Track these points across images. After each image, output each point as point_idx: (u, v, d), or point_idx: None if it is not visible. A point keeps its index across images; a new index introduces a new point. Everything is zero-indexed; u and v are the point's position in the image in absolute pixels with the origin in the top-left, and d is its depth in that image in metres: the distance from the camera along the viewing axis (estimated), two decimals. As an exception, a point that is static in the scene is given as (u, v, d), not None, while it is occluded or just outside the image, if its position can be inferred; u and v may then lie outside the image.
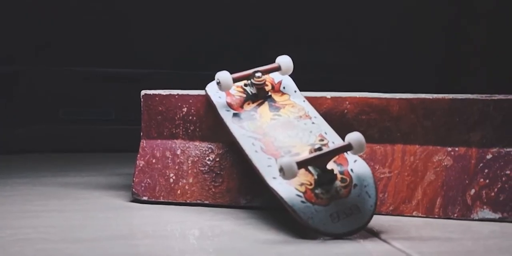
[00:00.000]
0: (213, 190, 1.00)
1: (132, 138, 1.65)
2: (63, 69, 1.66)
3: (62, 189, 1.12)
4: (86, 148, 1.59)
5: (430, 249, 0.75)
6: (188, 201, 1.00)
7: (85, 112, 1.67)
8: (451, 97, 0.97)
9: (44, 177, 1.24)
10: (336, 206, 0.81)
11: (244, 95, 0.98)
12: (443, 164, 0.96)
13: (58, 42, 1.68)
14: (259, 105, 0.97)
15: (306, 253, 0.74)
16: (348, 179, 0.84)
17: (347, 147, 0.83)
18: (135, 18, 1.76)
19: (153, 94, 1.05)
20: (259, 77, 0.96)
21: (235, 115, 0.96)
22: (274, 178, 0.84)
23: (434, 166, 0.96)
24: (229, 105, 0.97)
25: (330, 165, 0.84)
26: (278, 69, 0.98)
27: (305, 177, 0.83)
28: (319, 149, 0.84)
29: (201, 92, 1.03)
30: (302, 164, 0.81)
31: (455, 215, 0.93)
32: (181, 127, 1.04)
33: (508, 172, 0.94)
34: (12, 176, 1.25)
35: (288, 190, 0.82)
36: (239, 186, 0.99)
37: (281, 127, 0.93)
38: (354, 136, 0.84)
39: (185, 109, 1.03)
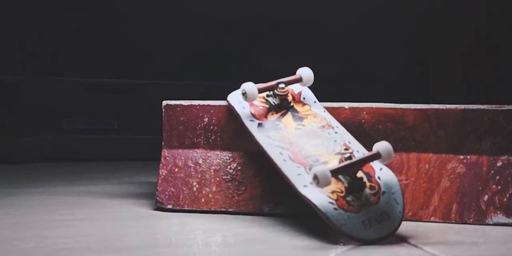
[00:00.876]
0: (237, 198, 1.00)
1: (136, 147, 1.66)
2: (63, 80, 1.64)
3: (82, 198, 1.11)
4: (90, 158, 1.57)
5: (462, 253, 0.77)
6: (212, 209, 1.00)
7: (88, 121, 1.65)
8: (463, 107, 1.00)
9: (58, 186, 1.22)
10: (367, 213, 0.83)
11: (267, 106, 0.99)
12: (456, 171, 0.99)
13: (60, 52, 1.66)
14: (283, 115, 0.98)
15: (346, 259, 0.74)
16: (376, 187, 0.85)
17: (376, 156, 0.85)
18: (136, 28, 1.75)
19: (174, 104, 1.05)
20: (282, 88, 0.97)
21: (260, 125, 0.96)
22: (305, 186, 0.85)
23: (448, 174, 0.99)
24: (253, 116, 0.97)
25: (359, 174, 0.85)
26: (299, 80, 0.99)
27: (335, 185, 0.84)
28: (349, 158, 0.85)
29: (222, 102, 1.03)
30: (335, 172, 0.82)
31: (471, 220, 0.96)
32: (202, 137, 1.04)
33: (517, 178, 0.97)
34: (26, 186, 1.23)
35: (320, 197, 0.83)
36: (262, 194, 1.00)
37: (306, 136, 0.94)
38: (383, 145, 0.85)
39: (206, 119, 1.04)
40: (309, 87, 1.02)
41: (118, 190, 1.19)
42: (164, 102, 1.05)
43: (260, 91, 0.97)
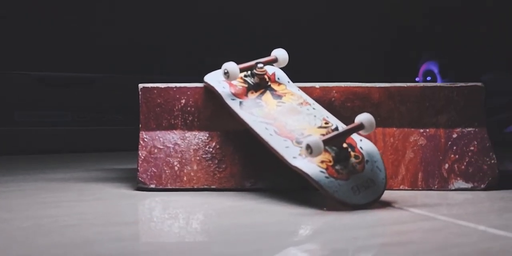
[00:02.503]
0: (218, 175, 0.99)
1: (92, 138, 1.59)
2: (12, 73, 1.54)
3: (57, 184, 1.06)
4: (49, 150, 1.49)
5: (447, 212, 0.80)
6: (195, 187, 0.99)
7: (41, 114, 1.57)
8: (422, 85, 1.03)
9: (25, 175, 1.15)
10: (355, 180, 0.84)
11: (246, 85, 0.98)
12: (418, 143, 1.02)
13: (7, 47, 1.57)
14: (262, 94, 0.97)
15: (347, 221, 0.76)
16: (360, 156, 0.87)
17: (360, 127, 0.86)
18: (84, 22, 1.68)
19: (151, 87, 1.02)
20: (261, 67, 0.97)
21: (241, 103, 0.95)
22: (294, 158, 0.86)
23: (411, 146, 1.02)
24: (234, 95, 0.96)
25: (344, 144, 0.86)
26: (275, 61, 0.99)
27: (323, 155, 0.85)
28: (336, 129, 0.86)
29: (199, 84, 1.02)
30: (326, 142, 0.83)
31: (436, 186, 1.00)
32: (179, 118, 1.02)
33: (472, 148, 1.02)
34: (0, 175, 1.15)
35: (311, 167, 0.83)
36: (242, 171, 0.99)
37: (288, 112, 0.94)
38: (364, 117, 0.87)
39: (183, 101, 1.01)
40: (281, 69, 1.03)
41: (89, 176, 1.14)
42: (141, 85, 1.02)
43: (241, 70, 0.96)
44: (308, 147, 0.81)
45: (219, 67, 0.98)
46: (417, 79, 2.31)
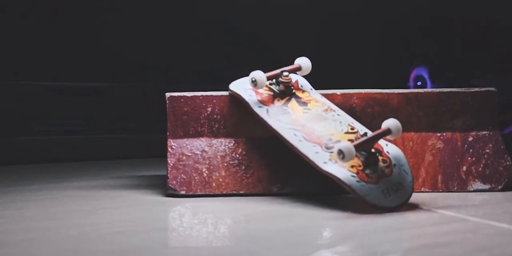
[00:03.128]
0: (246, 180, 1.00)
1: (108, 146, 1.59)
2: (28, 83, 1.54)
3: (86, 192, 1.06)
4: (67, 158, 1.48)
5: (475, 213, 0.81)
6: (224, 192, 0.99)
7: (58, 124, 1.56)
8: (438, 90, 1.05)
9: (51, 183, 1.15)
10: (384, 184, 0.85)
11: (271, 93, 0.99)
12: (436, 147, 1.04)
13: (23, 58, 1.57)
14: (288, 101, 0.99)
15: (382, 224, 0.77)
16: (388, 160, 0.88)
17: (388, 132, 0.88)
18: (93, 33, 1.69)
19: (178, 96, 1.03)
20: (286, 75, 0.98)
21: (268, 110, 0.96)
22: (325, 163, 0.87)
23: (430, 149, 1.04)
24: (261, 102, 0.97)
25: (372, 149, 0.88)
26: (299, 69, 1.01)
27: (353, 160, 0.86)
28: (365, 134, 0.87)
29: (224, 92, 1.03)
30: (358, 148, 0.84)
31: (455, 188, 1.01)
32: (206, 126, 1.03)
33: (487, 150, 1.04)
34: (16, 184, 1.15)
35: (343, 172, 0.85)
36: (269, 176, 1.00)
37: (314, 119, 0.95)
38: (391, 122, 0.88)
39: (209, 109, 1.02)
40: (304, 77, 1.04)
41: (115, 184, 1.15)
42: (168, 94, 1.03)
43: (267, 79, 0.97)
44: (341, 152, 0.83)
45: (227, 75, 1.00)
46: (408, 84, 2.34)
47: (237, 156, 1.02)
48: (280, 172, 1.00)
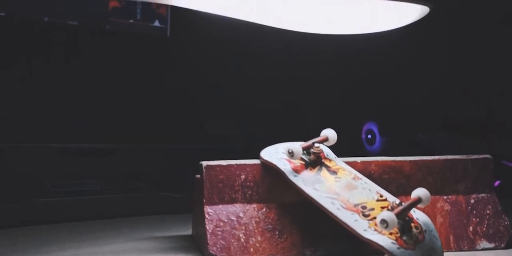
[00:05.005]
0: (281, 245, 1.03)
1: (121, 205, 1.56)
2: (40, 146, 1.51)
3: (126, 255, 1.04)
4: (79, 218, 1.44)
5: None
6: (261, 256, 1.01)
7: (71, 184, 1.53)
8: (443, 158, 1.12)
9: (82, 248, 1.11)
10: (421, 249, 0.90)
11: (303, 162, 1.02)
12: (445, 209, 1.10)
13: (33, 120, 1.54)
14: (319, 170, 1.02)
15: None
16: (419, 227, 0.93)
17: (419, 200, 0.93)
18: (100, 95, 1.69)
19: (214, 164, 1.05)
20: (318, 147, 1.02)
21: (303, 179, 1.00)
22: (365, 230, 0.90)
23: (439, 211, 1.10)
24: (295, 171, 1.00)
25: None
26: (326, 140, 1.05)
27: (389, 227, 0.90)
28: (400, 204, 0.92)
29: (256, 161, 1.06)
30: (398, 216, 0.88)
31: (465, 247, 1.08)
32: (240, 192, 1.05)
33: (488, 211, 1.11)
34: (46, 250, 1.10)
35: (383, 239, 0.89)
36: (302, 240, 1.03)
37: (346, 187, 0.99)
38: (421, 192, 0.94)
39: (243, 176, 1.05)
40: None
41: (145, 247, 1.13)
42: (204, 163, 1.05)
43: (302, 150, 1.01)
44: (384, 221, 0.87)
45: (222, 135, 1.03)
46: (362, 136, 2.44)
47: (270, 221, 1.04)
48: (312, 236, 1.04)
